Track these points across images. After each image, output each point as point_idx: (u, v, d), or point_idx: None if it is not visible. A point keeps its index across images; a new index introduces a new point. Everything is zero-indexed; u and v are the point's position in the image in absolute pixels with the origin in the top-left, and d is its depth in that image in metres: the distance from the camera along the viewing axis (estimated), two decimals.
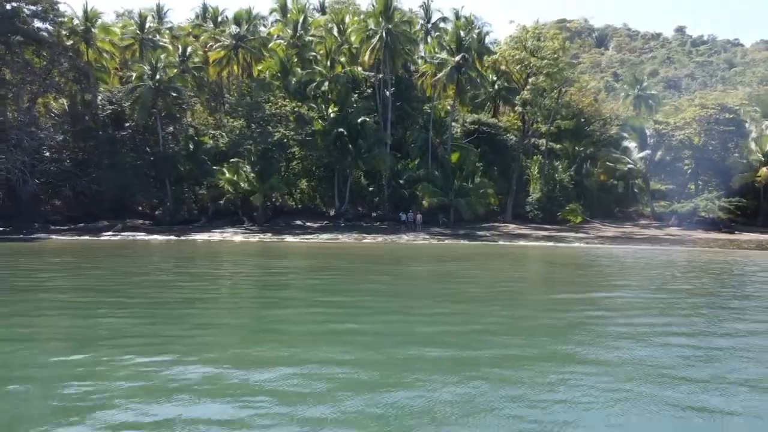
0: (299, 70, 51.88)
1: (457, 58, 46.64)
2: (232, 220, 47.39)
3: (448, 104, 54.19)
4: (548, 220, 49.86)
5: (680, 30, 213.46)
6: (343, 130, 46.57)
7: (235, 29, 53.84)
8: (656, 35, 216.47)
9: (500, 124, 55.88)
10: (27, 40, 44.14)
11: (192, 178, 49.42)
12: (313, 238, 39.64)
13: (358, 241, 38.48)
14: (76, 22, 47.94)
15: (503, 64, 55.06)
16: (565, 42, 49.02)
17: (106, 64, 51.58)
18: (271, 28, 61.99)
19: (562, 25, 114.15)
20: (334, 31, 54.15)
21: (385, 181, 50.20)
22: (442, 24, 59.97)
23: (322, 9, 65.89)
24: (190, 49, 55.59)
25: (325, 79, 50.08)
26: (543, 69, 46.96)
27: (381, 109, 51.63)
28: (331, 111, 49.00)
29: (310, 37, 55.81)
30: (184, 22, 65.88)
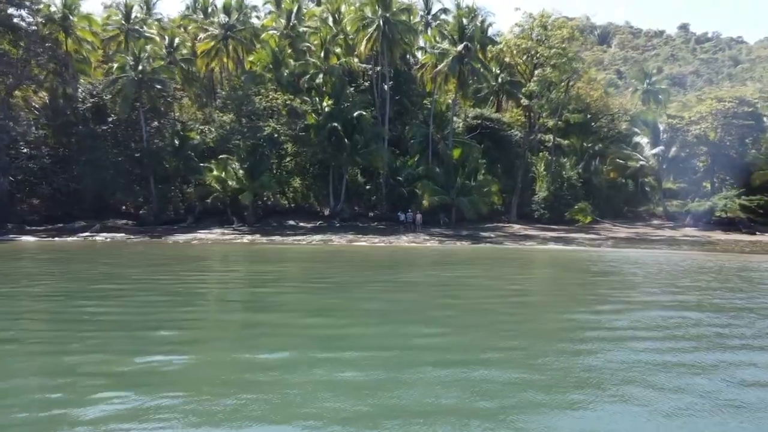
0: (292, 61, 49.09)
1: (459, 47, 43.76)
2: (220, 220, 44.73)
3: (450, 98, 51.37)
4: (555, 220, 47.10)
5: (684, 27, 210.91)
6: (337, 125, 43.78)
7: (224, 18, 51.01)
8: (659, 32, 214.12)
9: (504, 120, 53.06)
10: (2, 29, 41.36)
11: (179, 176, 46.65)
12: (303, 240, 36.85)
13: (352, 243, 35.66)
14: (54, 10, 45.07)
15: (507, 56, 52.30)
16: (574, 31, 45.99)
17: (87, 55, 48.66)
18: (265, 20, 59.29)
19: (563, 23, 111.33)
20: (330, 21, 51.34)
21: (383, 178, 47.41)
22: (443, 16, 57.11)
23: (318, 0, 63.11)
24: (177, 40, 52.88)
25: (320, 71, 47.32)
26: (551, 59, 44.07)
27: (379, 104, 48.85)
28: (326, 104, 46.24)
29: (304, 27, 53.07)
30: (174, 15, 63.20)
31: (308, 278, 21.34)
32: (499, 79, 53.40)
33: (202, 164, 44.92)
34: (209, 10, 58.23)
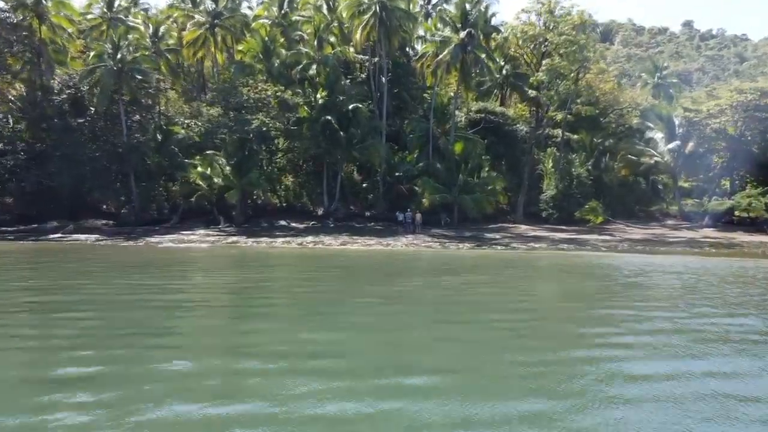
0: (284, 51, 46.10)
1: (462, 35, 40.71)
2: (207, 220, 41.82)
3: (451, 91, 48.33)
4: (564, 220, 44.11)
5: (688, 24, 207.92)
6: (331, 118, 40.79)
7: (211, 5, 48.01)
8: (663, 30, 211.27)
9: (509, 114, 49.99)
10: None
11: (162, 173, 43.65)
12: (292, 242, 33.84)
13: (346, 246, 32.63)
14: None
15: (512, 47, 49.27)
16: (585, 16, 42.84)
17: (64, 44, 45.59)
18: (257, 10, 56.25)
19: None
20: (324, 9, 48.37)
21: (380, 176, 44.43)
22: (444, 5, 54.03)
23: None
24: (162, 29, 49.92)
25: (313, 61, 44.36)
26: (560, 47, 41.01)
27: (376, 98, 45.84)
28: (320, 96, 43.26)
29: (297, 16, 50.10)
30: (163, 6, 60.18)
31: (276, 294, 17.24)
32: (504, 71, 50.39)
33: (187, 160, 42.03)
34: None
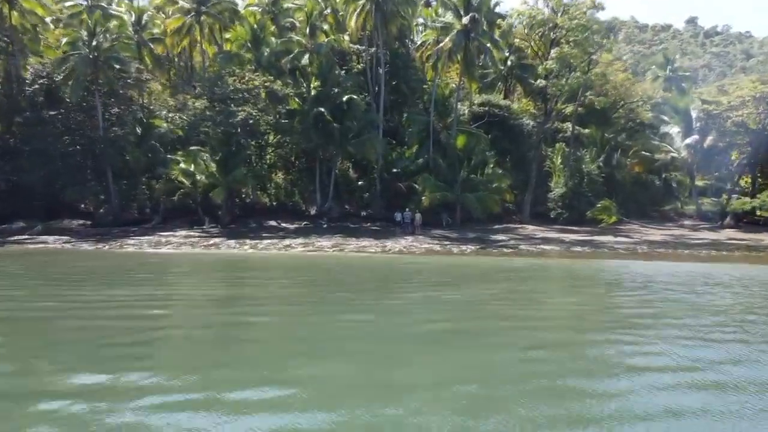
0: (274, 39, 43.12)
1: (465, 20, 37.70)
2: (191, 221, 38.90)
3: (453, 82, 45.32)
4: (575, 220, 41.11)
5: (692, 21, 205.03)
6: (324, 110, 37.81)
7: None
8: (666, 27, 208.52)
9: (514, 107, 46.94)
10: None
11: (144, 170, 40.68)
12: (278, 244, 30.77)
13: (339, 249, 29.58)
14: None
15: (518, 36, 46.28)
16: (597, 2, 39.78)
17: (36, 31, 42.61)
18: None
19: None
20: None
21: (377, 173, 41.43)
22: None
23: None
24: (146, 18, 46.93)
25: (305, 50, 41.37)
26: (571, 33, 37.98)
27: (373, 90, 42.86)
28: (312, 87, 40.28)
29: (289, 3, 47.14)
30: None
31: (283, 306, 15.18)
32: (508, 63, 47.37)
33: (170, 156, 39.08)
34: None
